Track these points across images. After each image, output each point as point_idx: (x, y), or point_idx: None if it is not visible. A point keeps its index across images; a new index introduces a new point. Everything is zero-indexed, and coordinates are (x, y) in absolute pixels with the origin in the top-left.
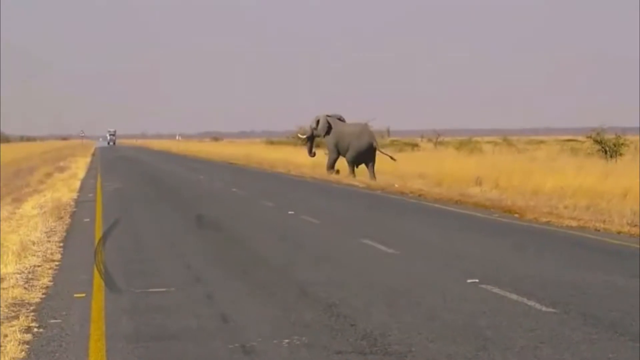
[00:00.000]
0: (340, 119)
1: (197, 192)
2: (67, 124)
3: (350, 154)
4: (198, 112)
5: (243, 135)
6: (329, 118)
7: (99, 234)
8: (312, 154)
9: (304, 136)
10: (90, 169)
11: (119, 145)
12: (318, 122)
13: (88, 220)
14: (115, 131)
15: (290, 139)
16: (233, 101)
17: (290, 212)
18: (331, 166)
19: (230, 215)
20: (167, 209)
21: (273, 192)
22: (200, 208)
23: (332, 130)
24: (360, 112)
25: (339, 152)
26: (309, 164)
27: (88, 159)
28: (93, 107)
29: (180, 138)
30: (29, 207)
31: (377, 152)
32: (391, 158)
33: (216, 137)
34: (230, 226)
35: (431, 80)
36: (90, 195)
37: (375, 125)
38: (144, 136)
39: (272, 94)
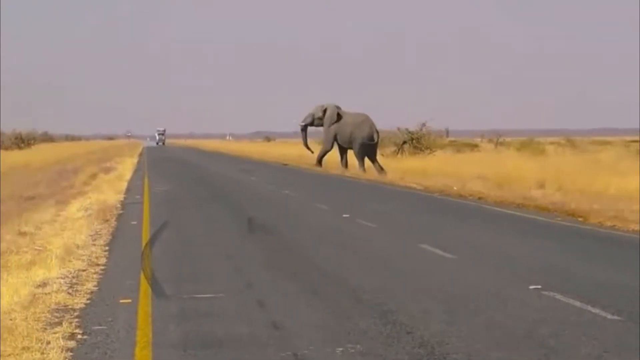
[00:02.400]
0: (339, 108)
1: (248, 194)
2: (113, 123)
3: (356, 146)
4: (249, 111)
5: (296, 135)
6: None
7: (146, 237)
8: (310, 150)
9: (302, 124)
10: (138, 170)
11: (168, 145)
12: (325, 111)
13: (135, 223)
14: (164, 130)
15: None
16: (286, 100)
17: (345, 216)
18: (320, 160)
19: (282, 218)
20: (218, 211)
21: (327, 195)
22: (252, 211)
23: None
24: (418, 111)
25: (336, 144)
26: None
27: (135, 160)
28: (141, 105)
29: (230, 138)
30: (73, 209)
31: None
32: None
33: (268, 137)
34: (282, 230)
35: (493, 78)
36: (138, 197)
37: (434, 125)
38: (192, 136)
39: (328, 93)
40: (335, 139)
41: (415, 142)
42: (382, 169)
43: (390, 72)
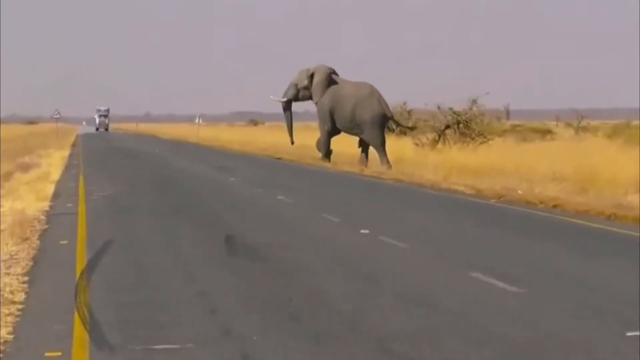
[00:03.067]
0: (335, 74)
1: (227, 201)
2: (35, 101)
3: (364, 129)
4: (227, 84)
5: (295, 118)
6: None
7: (81, 262)
8: (292, 139)
9: (283, 99)
10: (69, 167)
11: (113, 131)
12: (312, 76)
13: (66, 242)
14: (107, 110)
15: None
16: (280, 69)
17: (363, 232)
18: (326, 149)
19: (275, 236)
20: (184, 226)
21: (337, 201)
22: (232, 225)
23: (328, 91)
24: (466, 84)
25: (334, 124)
26: (393, 157)
27: (66, 152)
28: (74, 77)
29: (201, 121)
30: None
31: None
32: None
33: (254, 120)
34: (276, 252)
35: (574, 46)
36: (69, 205)
37: (489, 103)
38: (148, 118)
39: (331, 62)
40: (332, 116)
41: (462, 126)
42: (389, 163)
43: (417, 27)
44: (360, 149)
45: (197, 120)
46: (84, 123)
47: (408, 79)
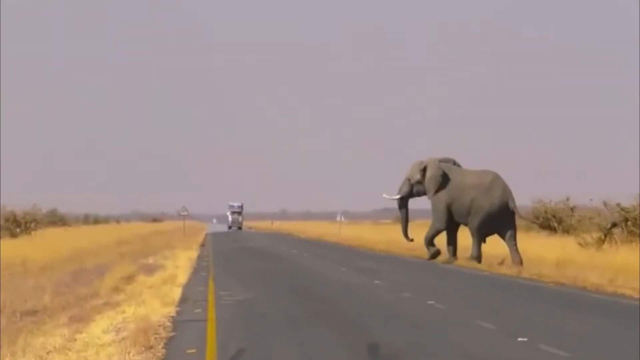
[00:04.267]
0: (456, 164)
1: (370, 307)
2: (159, 197)
3: (476, 219)
4: (370, 178)
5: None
6: (442, 164)
7: None
8: (408, 237)
9: (396, 197)
10: (198, 270)
11: (246, 229)
12: (424, 170)
13: (194, 351)
14: (241, 207)
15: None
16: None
17: (521, 340)
18: (431, 241)
19: (422, 346)
20: (323, 335)
21: (492, 306)
22: (377, 334)
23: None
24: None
25: (451, 217)
26: (555, 258)
27: (194, 253)
28: (200, 171)
29: (342, 219)
30: (97, 330)
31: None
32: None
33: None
34: None
35: None
36: (198, 311)
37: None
38: (284, 215)
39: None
40: (449, 211)
41: (631, 224)
42: (521, 260)
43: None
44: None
45: (338, 218)
46: (215, 221)
47: (570, 171)
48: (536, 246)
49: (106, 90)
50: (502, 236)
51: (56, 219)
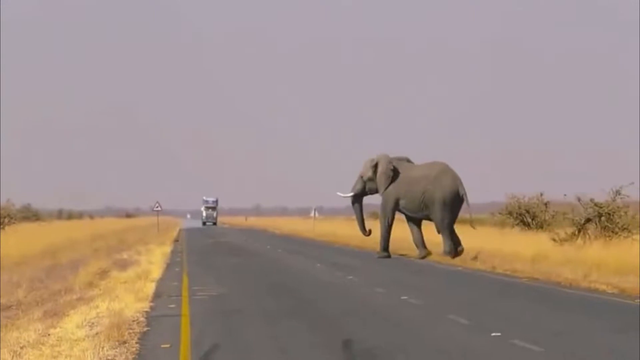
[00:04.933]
0: (409, 162)
1: (345, 304)
2: (133, 193)
3: (433, 211)
4: (349, 170)
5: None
6: (394, 160)
7: None
8: (366, 231)
9: (349, 194)
10: (172, 265)
11: (221, 225)
12: (376, 166)
13: (168, 346)
14: (216, 202)
15: (499, 216)
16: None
17: (494, 335)
18: (385, 244)
19: (396, 341)
20: (298, 330)
21: (466, 301)
22: (352, 331)
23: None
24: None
25: (395, 213)
26: (529, 254)
27: (168, 248)
28: (175, 167)
29: (317, 215)
30: (71, 325)
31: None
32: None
33: (376, 213)
34: (396, 357)
35: None
36: (172, 306)
37: (634, 194)
38: (258, 211)
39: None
40: (397, 206)
41: (605, 219)
42: (451, 251)
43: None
44: (411, 235)
45: (312, 214)
46: (189, 216)
47: (540, 167)
48: (510, 242)
49: (76, 82)
50: (441, 225)
51: (30, 215)
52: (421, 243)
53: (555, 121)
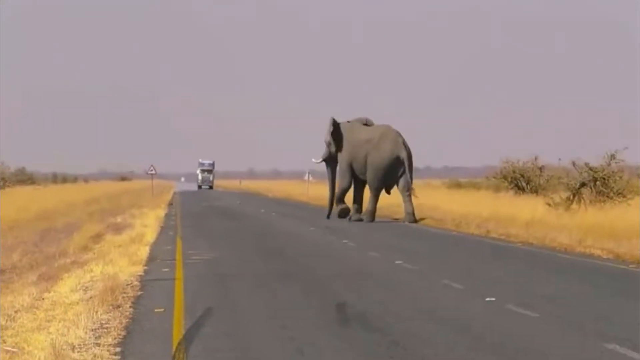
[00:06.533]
0: (367, 124)
1: (339, 267)
2: (127, 156)
3: (369, 174)
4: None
5: (416, 175)
6: (345, 123)
7: (178, 333)
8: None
9: (319, 160)
10: (166, 228)
11: (216, 188)
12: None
13: (162, 310)
14: (212, 164)
15: (493, 179)
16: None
17: (489, 300)
18: (340, 198)
19: (389, 306)
20: (291, 294)
21: (461, 266)
22: (344, 293)
23: (346, 141)
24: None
25: (353, 174)
26: (523, 218)
27: (162, 212)
28: (168, 130)
29: (311, 178)
30: (65, 288)
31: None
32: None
33: None
34: (390, 322)
35: None
36: (166, 270)
37: (629, 159)
38: (252, 174)
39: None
40: (351, 169)
41: (600, 184)
42: (413, 212)
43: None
44: (354, 198)
45: (306, 177)
46: (183, 179)
47: (538, 130)
48: (504, 205)
49: (71, 46)
50: (397, 187)
51: (25, 178)
52: (358, 206)
53: (551, 81)
